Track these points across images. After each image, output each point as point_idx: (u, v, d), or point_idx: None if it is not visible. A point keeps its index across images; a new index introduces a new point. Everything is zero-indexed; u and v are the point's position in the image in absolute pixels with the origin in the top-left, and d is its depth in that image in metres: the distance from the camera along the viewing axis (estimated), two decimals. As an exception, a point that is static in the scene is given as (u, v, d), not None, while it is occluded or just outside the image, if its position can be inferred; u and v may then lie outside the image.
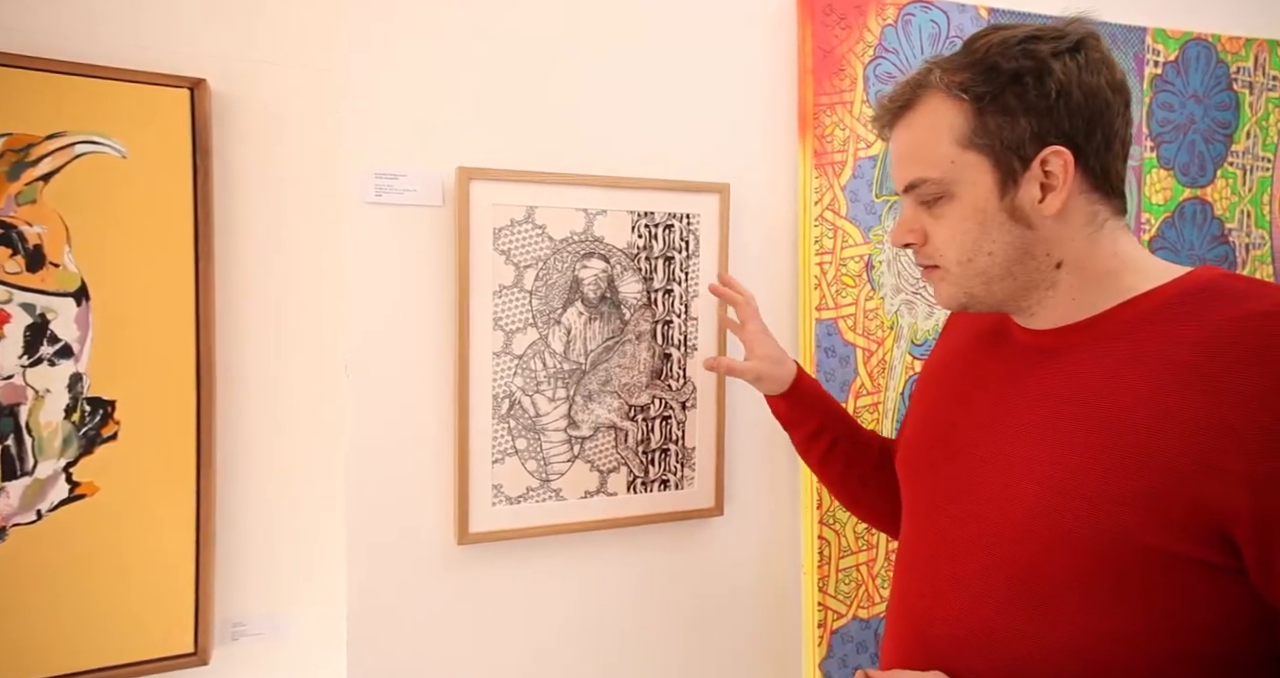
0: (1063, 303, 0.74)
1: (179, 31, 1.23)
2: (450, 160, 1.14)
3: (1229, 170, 1.65)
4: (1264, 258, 1.70)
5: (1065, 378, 0.72)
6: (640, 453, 1.25)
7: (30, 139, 1.13)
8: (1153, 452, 0.62)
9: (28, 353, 1.14)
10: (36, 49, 1.14)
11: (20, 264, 1.14)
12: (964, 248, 0.74)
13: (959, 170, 0.72)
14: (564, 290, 1.19)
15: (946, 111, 0.72)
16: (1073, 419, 0.69)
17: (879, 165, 1.35)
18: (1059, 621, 0.67)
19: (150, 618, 1.23)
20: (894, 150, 0.78)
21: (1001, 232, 0.72)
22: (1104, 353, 0.70)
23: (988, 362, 0.82)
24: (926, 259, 0.78)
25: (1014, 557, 0.70)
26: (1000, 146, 0.70)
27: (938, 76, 0.73)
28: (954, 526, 0.76)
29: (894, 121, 0.78)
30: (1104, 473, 0.65)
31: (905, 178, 0.76)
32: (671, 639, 1.31)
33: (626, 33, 1.23)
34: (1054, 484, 0.68)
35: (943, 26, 1.38)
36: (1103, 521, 0.64)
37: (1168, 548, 0.62)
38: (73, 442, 1.17)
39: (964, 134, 0.71)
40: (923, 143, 0.74)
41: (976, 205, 0.72)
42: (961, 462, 0.78)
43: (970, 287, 0.76)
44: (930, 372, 0.93)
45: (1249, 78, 1.65)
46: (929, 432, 0.85)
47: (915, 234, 0.78)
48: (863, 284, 1.35)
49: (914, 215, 0.77)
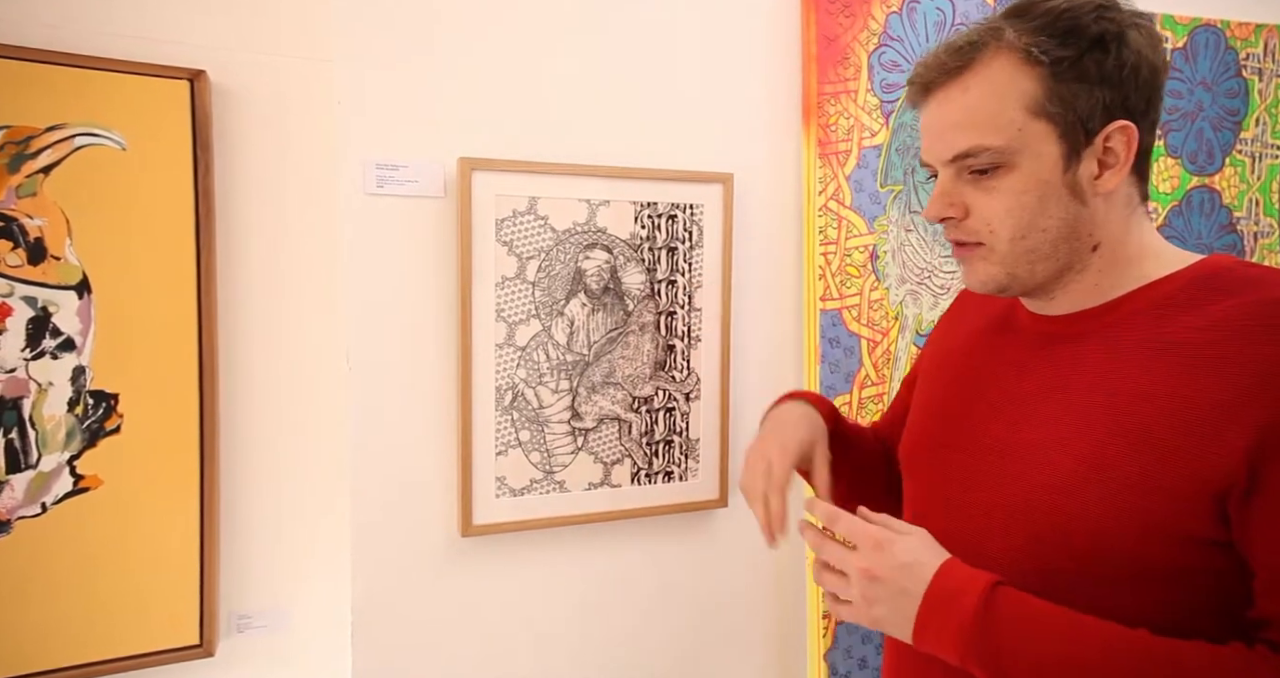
0: (1085, 287, 0.73)
1: (179, 23, 1.22)
2: (452, 151, 1.13)
3: (1238, 158, 1.63)
4: (1273, 246, 1.69)
5: (1082, 365, 0.71)
6: (644, 445, 1.25)
7: (30, 131, 1.13)
8: (1169, 436, 0.63)
9: (30, 346, 1.14)
10: (36, 41, 1.13)
11: (21, 257, 1.14)
12: (1020, 223, 0.69)
13: (1025, 139, 0.67)
14: (567, 282, 1.18)
15: (1017, 75, 0.67)
16: (1091, 406, 0.68)
17: (883, 155, 1.34)
18: (1080, 606, 0.66)
19: (156, 610, 1.24)
20: (940, 115, 0.71)
21: (1059, 207, 0.69)
22: (1119, 340, 0.70)
23: (998, 349, 0.81)
24: (967, 235, 0.72)
25: (1037, 543, 0.69)
26: (1072, 117, 0.67)
27: (1012, 36, 0.67)
28: (971, 514, 0.75)
29: (944, 84, 0.70)
30: (1124, 458, 0.65)
31: (956, 146, 0.69)
32: (676, 630, 1.31)
33: (629, 22, 1.22)
34: (1075, 471, 0.68)
35: (948, 14, 1.37)
36: (1125, 505, 0.64)
37: (1177, 529, 0.62)
38: (76, 435, 1.18)
39: (1036, 100, 0.66)
40: (984, 108, 0.68)
41: (1039, 177, 0.68)
42: (976, 450, 0.77)
43: (1015, 266, 0.71)
44: (935, 360, 0.91)
45: (1258, 64, 1.63)
46: (939, 421, 0.84)
47: (956, 208, 0.71)
48: (867, 274, 1.34)
49: (954, 188, 0.71)
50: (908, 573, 0.65)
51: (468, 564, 1.18)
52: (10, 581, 1.15)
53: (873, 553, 0.66)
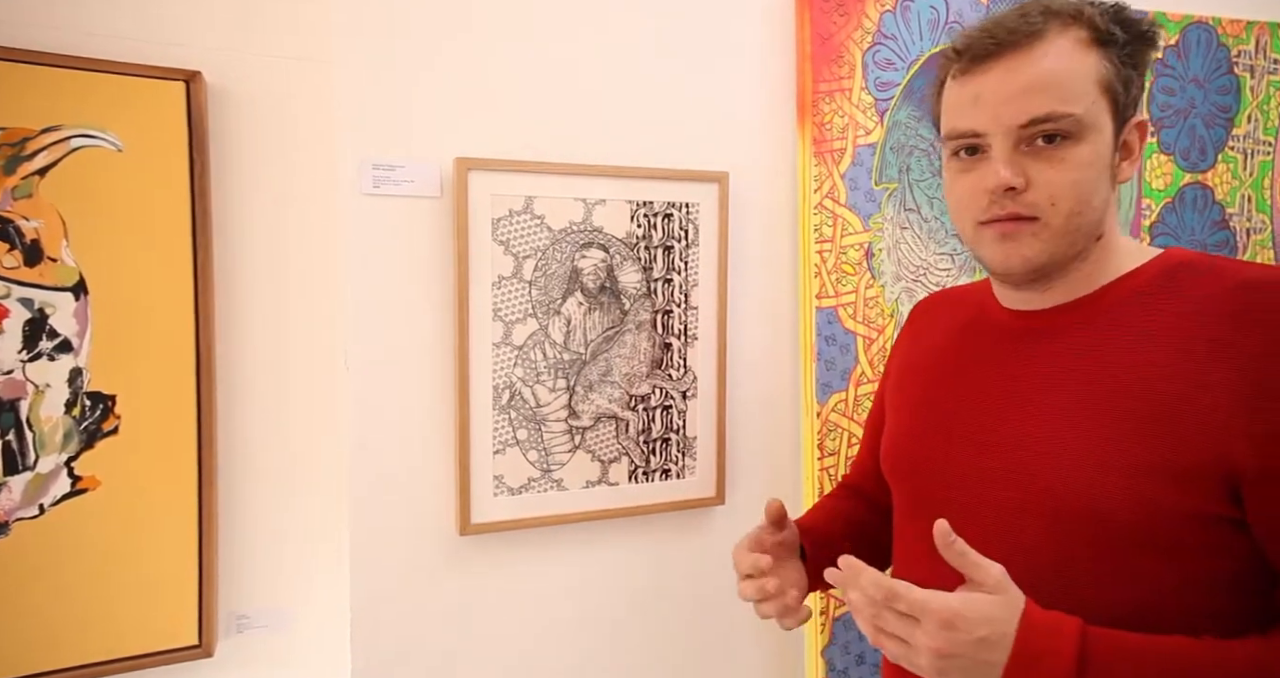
0: (1081, 277, 0.74)
1: (174, 24, 1.22)
2: (448, 151, 1.13)
3: (1230, 155, 1.64)
4: (1265, 242, 1.70)
5: (1079, 355, 0.72)
6: (641, 443, 1.25)
7: (25, 132, 1.13)
8: (1162, 419, 0.65)
9: (27, 348, 1.14)
10: (30, 42, 1.13)
11: (18, 259, 1.14)
12: (1080, 197, 0.69)
13: (1096, 114, 0.68)
14: (563, 280, 1.19)
15: (1092, 50, 0.68)
16: (1094, 395, 0.70)
17: (878, 153, 1.35)
18: (1086, 597, 0.67)
19: (154, 611, 1.24)
20: (1009, 81, 0.69)
21: (1104, 188, 0.70)
22: (1109, 328, 0.71)
23: (981, 350, 0.81)
24: (1025, 208, 0.70)
25: (1051, 536, 0.70)
26: (1124, 100, 0.69)
27: (1093, 12, 0.69)
28: (980, 512, 0.75)
29: (1013, 51, 0.69)
30: (1117, 444, 0.66)
31: (1033, 110, 0.68)
32: (674, 628, 1.32)
33: (624, 21, 1.22)
34: (1067, 461, 0.69)
35: (941, 12, 1.37)
36: (1138, 490, 0.65)
37: (1187, 508, 0.64)
38: (74, 436, 1.18)
39: (1105, 78, 0.68)
40: (1066, 75, 0.68)
41: (1100, 153, 0.69)
42: (965, 450, 0.78)
43: (1059, 246, 0.70)
44: (904, 373, 0.91)
45: (1250, 61, 1.64)
46: (922, 427, 0.84)
47: (1022, 178, 0.69)
48: (863, 272, 1.35)
49: (1017, 158, 0.69)
50: (985, 647, 0.61)
51: (466, 563, 1.18)
52: (8, 582, 1.15)
53: (942, 632, 0.61)
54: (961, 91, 0.72)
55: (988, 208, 0.71)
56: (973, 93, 0.71)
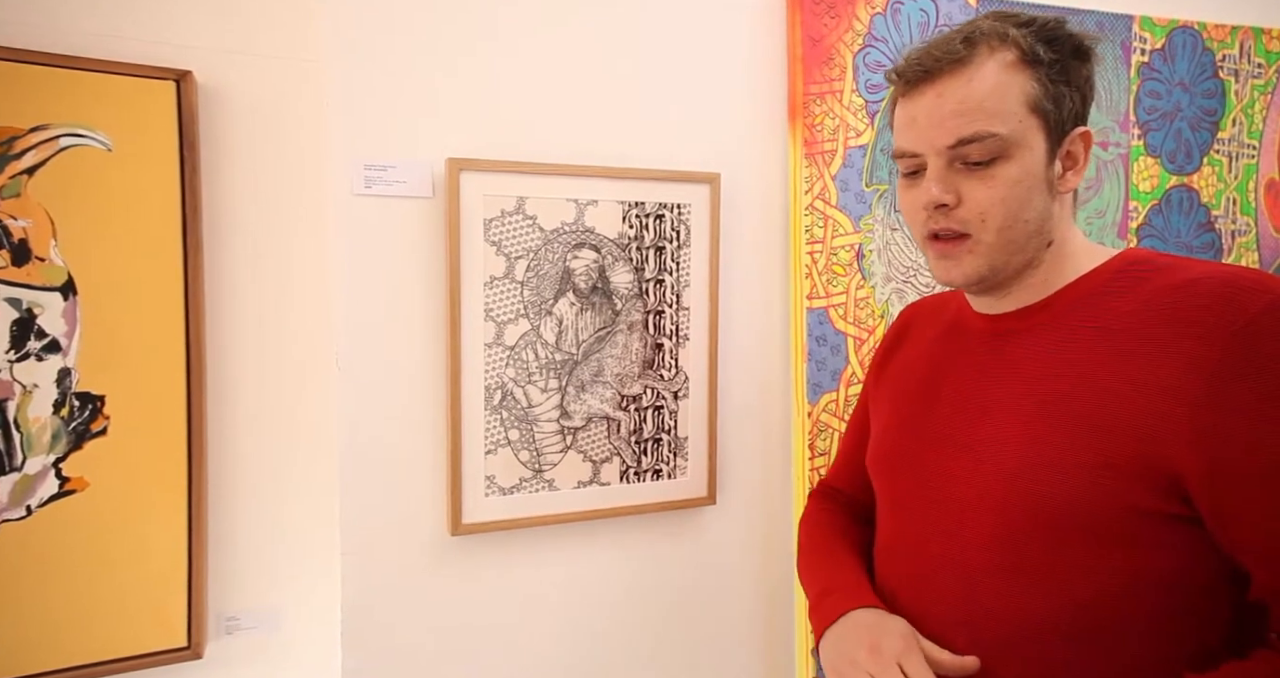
0: (1035, 283, 0.77)
1: (164, 23, 1.22)
2: (440, 151, 1.13)
3: (1215, 158, 1.66)
4: (1249, 244, 1.72)
5: (1032, 357, 0.75)
6: (633, 443, 1.26)
7: (13, 132, 1.12)
8: (1109, 416, 0.67)
9: (15, 348, 1.14)
10: (19, 41, 1.12)
11: (6, 258, 1.13)
12: (1009, 212, 0.72)
13: (1023, 132, 0.71)
14: (555, 281, 1.19)
15: (1019, 71, 0.71)
16: (1043, 395, 0.73)
17: (869, 154, 1.36)
18: (1043, 590, 0.70)
19: (143, 613, 1.23)
20: (940, 104, 0.72)
21: (1039, 201, 0.73)
22: (1061, 330, 0.74)
23: (954, 353, 0.85)
24: (958, 225, 0.74)
25: (994, 531, 0.73)
26: (1056, 117, 0.72)
27: (1017, 35, 0.71)
28: (947, 508, 0.78)
29: (945, 75, 0.72)
30: (1067, 441, 0.69)
31: (961, 131, 0.71)
32: (665, 628, 1.32)
33: (616, 22, 1.22)
34: (1022, 458, 0.72)
35: (931, 15, 1.38)
36: (1071, 486, 0.68)
37: (1128, 503, 0.66)
38: (62, 437, 1.17)
39: (1034, 97, 0.71)
40: (992, 97, 0.71)
41: (1029, 169, 0.72)
42: (938, 448, 0.81)
43: (996, 258, 0.74)
44: (885, 378, 0.95)
45: (1234, 65, 1.66)
46: (901, 428, 0.88)
47: (953, 195, 0.73)
48: (853, 273, 1.35)
49: (949, 176, 0.73)
50: None
51: (457, 563, 1.18)
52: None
53: None
54: (902, 113, 0.77)
55: (925, 222, 0.76)
56: (910, 115, 0.75)
